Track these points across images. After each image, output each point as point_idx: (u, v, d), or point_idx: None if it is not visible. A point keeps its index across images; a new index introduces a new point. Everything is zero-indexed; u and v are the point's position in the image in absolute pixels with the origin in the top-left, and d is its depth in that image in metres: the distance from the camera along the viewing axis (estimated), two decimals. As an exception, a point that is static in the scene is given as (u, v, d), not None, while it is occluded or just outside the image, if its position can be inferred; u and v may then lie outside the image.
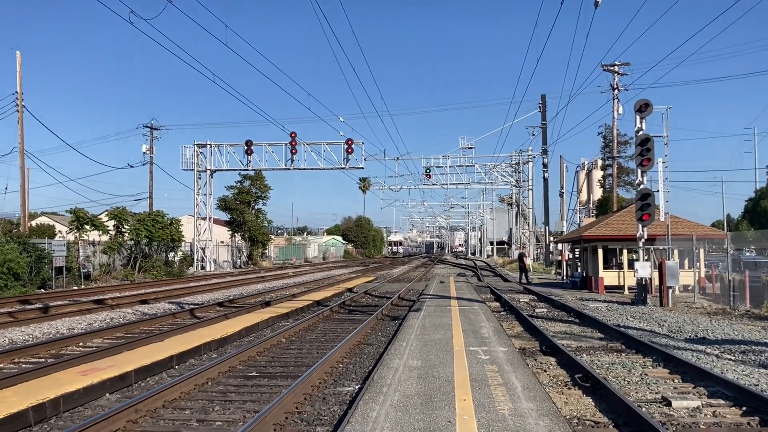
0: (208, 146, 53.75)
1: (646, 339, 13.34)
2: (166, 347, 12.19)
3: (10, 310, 19.96)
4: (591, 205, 69.39)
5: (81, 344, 13.74)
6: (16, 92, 38.03)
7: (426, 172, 56.30)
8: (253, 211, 67.07)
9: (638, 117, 21.72)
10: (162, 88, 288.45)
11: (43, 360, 11.82)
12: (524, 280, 34.83)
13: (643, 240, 21.91)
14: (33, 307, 21.06)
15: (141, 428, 7.54)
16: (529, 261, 57.76)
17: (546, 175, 57.08)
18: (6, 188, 69.82)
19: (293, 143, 50.36)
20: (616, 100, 43.10)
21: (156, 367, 10.79)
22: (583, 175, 76.32)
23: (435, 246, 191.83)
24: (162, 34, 65.84)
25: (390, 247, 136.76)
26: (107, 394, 9.21)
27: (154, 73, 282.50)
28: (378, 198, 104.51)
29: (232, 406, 8.57)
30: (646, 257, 22.65)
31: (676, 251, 25.52)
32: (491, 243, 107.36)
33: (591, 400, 8.58)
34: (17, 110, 38.04)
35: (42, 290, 29.19)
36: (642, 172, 21.76)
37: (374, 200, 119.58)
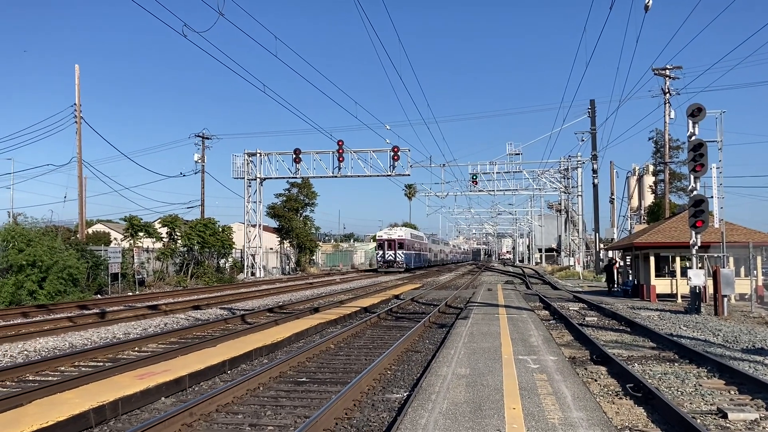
0: (258, 155, 54.64)
1: (700, 349, 13.05)
2: (219, 352, 12.46)
3: (69, 315, 20.64)
4: (642, 212, 68.01)
5: (137, 349, 14.14)
6: (75, 104, 39.32)
7: (472, 178, 56.13)
8: (300, 218, 67.86)
9: (691, 122, 21.27)
10: (213, 98, 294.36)
11: (101, 363, 12.23)
12: (614, 288, 34.34)
13: (696, 247, 21.42)
14: (90, 312, 21.73)
15: (195, 431, 7.75)
16: (579, 268, 56.97)
17: (596, 181, 56.26)
18: (65, 197, 71.89)
19: (340, 151, 50.80)
20: (667, 105, 42.26)
21: (209, 371, 11.05)
22: (633, 180, 74.91)
23: (482, 253, 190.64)
24: (214, 46, 67.43)
25: (378, 253, 69.78)
26: (163, 398, 9.48)
27: (206, 84, 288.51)
28: (424, 205, 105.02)
29: (284, 411, 8.72)
30: (699, 265, 22.12)
31: (731, 259, 24.82)
32: (539, 250, 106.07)
33: (643, 411, 8.46)
34: (75, 122, 39.33)
35: (98, 296, 30.09)
36: (695, 178, 21.30)
37: (420, 207, 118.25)
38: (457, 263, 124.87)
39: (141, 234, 38.80)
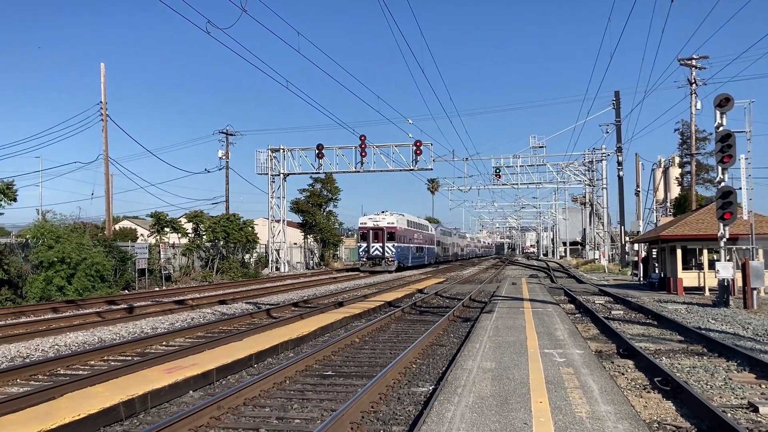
0: (281, 151, 54.86)
1: (730, 342, 12.87)
2: (245, 346, 12.57)
3: (98, 310, 20.96)
4: (668, 204, 67.18)
5: (164, 343, 14.32)
6: (101, 102, 39.79)
7: (496, 172, 55.77)
8: (324, 213, 68.12)
9: (718, 112, 20.94)
10: (237, 94, 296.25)
11: (130, 358, 12.40)
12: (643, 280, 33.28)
13: (724, 239, 21.11)
14: (118, 307, 22.04)
15: (223, 425, 7.83)
16: (604, 261, 56.47)
17: (621, 173, 55.69)
18: (92, 194, 73.16)
19: (363, 146, 50.81)
20: (693, 95, 41.65)
21: (236, 365, 11.16)
22: (659, 172, 73.96)
23: (505, 247, 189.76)
24: (237, 42, 67.64)
25: (361, 245, 55.67)
26: (191, 392, 9.59)
27: (229, 80, 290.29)
28: (447, 199, 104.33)
29: (310, 405, 8.78)
30: (728, 257, 21.81)
31: (760, 251, 24.42)
32: (564, 243, 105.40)
33: (672, 405, 8.37)
34: (102, 119, 39.80)
35: (126, 291, 30.50)
36: (723, 170, 20.98)
37: (443, 201, 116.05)
38: (480, 257, 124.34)
39: (167, 230, 39.23)
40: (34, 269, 27.41)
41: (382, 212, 55.41)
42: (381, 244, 53.02)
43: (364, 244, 53.87)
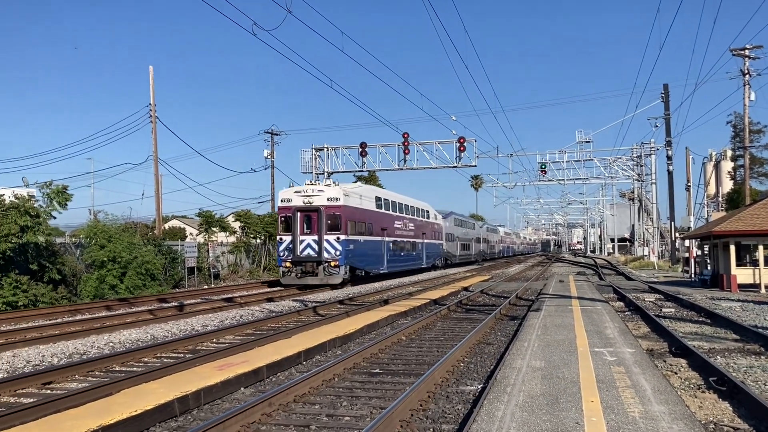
0: (325, 149, 55.11)
1: (788, 341, 12.49)
2: (294, 344, 12.72)
3: (149, 308, 21.46)
4: (720, 199, 65.48)
5: (215, 340, 14.58)
6: (150, 104, 40.66)
7: (541, 167, 54.98)
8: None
9: (774, 104, 20.30)
10: (282, 94, 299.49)
11: (182, 355, 12.66)
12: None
13: (781, 235, 20.46)
14: (169, 305, 22.51)
15: (274, 421, 7.94)
16: (653, 258, 55.38)
17: (670, 167, 54.40)
18: (143, 194, 74.76)
19: (406, 143, 50.66)
20: (747, 87, 40.46)
21: (285, 362, 11.30)
22: (710, 167, 72.19)
23: (552, 244, 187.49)
24: (282, 43, 68.39)
25: (282, 241, 30.84)
26: (242, 388, 9.75)
27: (274, 80, 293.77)
28: (491, 196, 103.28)
29: (359, 402, 8.84)
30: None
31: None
32: (611, 240, 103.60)
33: (728, 405, 8.18)
34: (151, 121, 40.67)
35: (176, 289, 31.14)
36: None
37: (487, 198, 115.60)
38: (525, 255, 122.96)
39: (215, 228, 39.89)
40: (87, 268, 28.21)
41: (320, 183, 33.72)
42: (316, 238, 30.08)
43: (287, 238, 30.38)
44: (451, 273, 46.18)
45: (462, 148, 49.97)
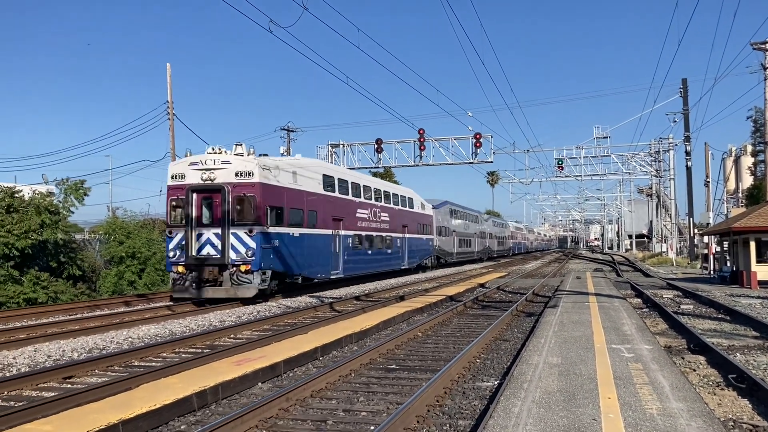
0: (341, 146, 55.28)
1: (809, 338, 12.36)
2: (311, 339, 12.78)
3: (167, 303, 21.62)
4: (740, 195, 64.83)
5: (232, 336, 14.68)
6: (167, 102, 40.92)
7: (558, 163, 54.66)
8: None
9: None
10: (297, 91, 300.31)
11: (200, 350, 12.76)
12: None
13: (802, 231, 20.24)
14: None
15: (292, 416, 8.00)
16: (672, 254, 54.93)
17: (689, 163, 53.88)
18: (161, 191, 75.21)
19: (421, 140, 50.66)
20: (767, 81, 39.95)
21: (302, 358, 11.36)
22: (730, 162, 71.52)
23: (569, 240, 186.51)
24: (298, 40, 68.27)
25: (173, 235, 21.46)
26: (259, 383, 9.82)
27: (290, 77, 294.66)
28: (507, 192, 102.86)
29: (375, 398, 8.87)
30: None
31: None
32: (629, 236, 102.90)
33: (748, 403, 8.12)
34: (168, 118, 40.93)
35: (193, 285, 31.29)
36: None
37: (503, 194, 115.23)
38: (542, 251, 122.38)
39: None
40: (106, 264, 28.50)
41: (228, 152, 21.85)
42: (219, 231, 20.98)
43: (179, 232, 21.47)
44: (467, 269, 46.12)
45: (478, 144, 49.83)
